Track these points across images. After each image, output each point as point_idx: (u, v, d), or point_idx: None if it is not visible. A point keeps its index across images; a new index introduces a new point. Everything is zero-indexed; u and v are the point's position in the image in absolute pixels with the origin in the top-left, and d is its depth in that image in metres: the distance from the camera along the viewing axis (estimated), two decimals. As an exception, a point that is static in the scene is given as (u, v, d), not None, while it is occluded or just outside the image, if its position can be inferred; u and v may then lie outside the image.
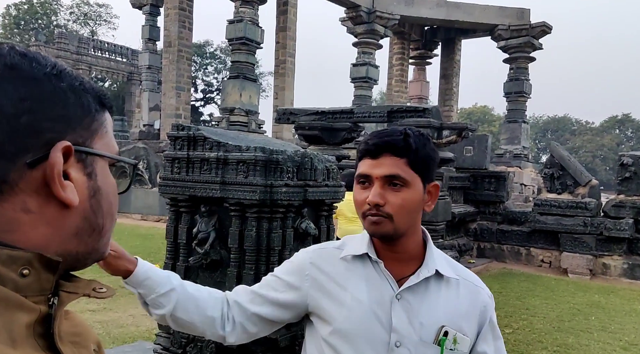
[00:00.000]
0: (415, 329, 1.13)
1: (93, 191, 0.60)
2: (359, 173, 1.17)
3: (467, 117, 48.30)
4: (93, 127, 0.61)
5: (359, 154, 1.20)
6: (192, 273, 3.46)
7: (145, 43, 20.32)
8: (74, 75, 0.61)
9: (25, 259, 0.54)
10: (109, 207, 0.63)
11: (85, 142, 0.59)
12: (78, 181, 0.58)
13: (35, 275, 0.55)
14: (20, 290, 0.53)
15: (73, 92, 0.59)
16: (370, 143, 1.16)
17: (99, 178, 0.61)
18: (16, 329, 0.52)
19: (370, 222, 1.15)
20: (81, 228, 0.60)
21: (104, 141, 0.63)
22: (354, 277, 1.20)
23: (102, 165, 0.62)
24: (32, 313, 0.54)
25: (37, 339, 0.55)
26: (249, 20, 14.92)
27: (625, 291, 8.00)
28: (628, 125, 57.40)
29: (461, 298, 1.21)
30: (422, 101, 22.33)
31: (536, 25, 18.30)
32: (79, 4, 37.59)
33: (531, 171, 18.19)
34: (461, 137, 8.17)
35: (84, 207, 0.59)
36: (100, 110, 0.63)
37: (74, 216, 0.58)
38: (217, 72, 38.95)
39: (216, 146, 3.19)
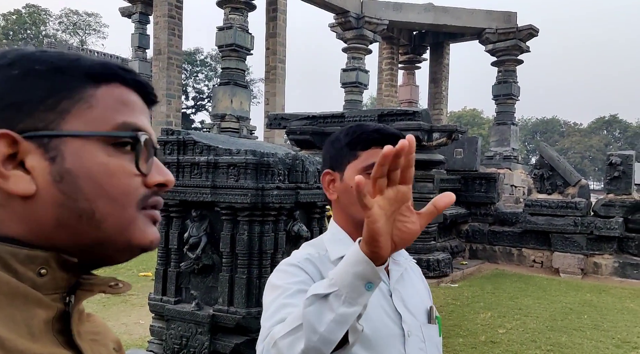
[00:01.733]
0: (414, 315, 1.17)
1: (59, 175, 0.54)
2: (373, 162, 1.07)
3: (457, 120, 48.58)
4: (62, 106, 0.56)
5: (365, 142, 1.16)
6: (183, 278, 3.45)
7: (134, 51, 20.26)
8: (43, 58, 0.57)
9: (42, 258, 0.55)
10: (97, 189, 0.56)
11: (48, 125, 0.55)
12: (36, 168, 0.54)
13: (52, 274, 0.56)
14: (37, 288, 0.54)
15: (28, 75, 0.55)
16: (384, 132, 1.16)
17: (71, 159, 0.55)
18: (35, 325, 0.53)
19: None
20: (61, 217, 0.55)
21: (86, 118, 0.57)
22: None
23: (79, 145, 0.56)
24: (49, 310, 0.55)
25: (56, 335, 0.56)
26: (239, 27, 14.94)
27: (617, 290, 8.06)
28: (615, 126, 58.06)
29: (418, 275, 1.29)
30: (412, 104, 22.44)
31: (523, 28, 18.48)
32: (68, 13, 37.48)
33: (521, 172, 18.31)
34: (451, 140, 8.21)
35: (51, 194, 0.54)
36: (84, 86, 0.57)
37: (44, 206, 0.54)
38: (208, 79, 38.95)
39: (206, 149, 3.20)
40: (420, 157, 8.26)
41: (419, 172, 8.42)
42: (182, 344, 3.24)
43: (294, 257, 1.16)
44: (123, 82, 0.61)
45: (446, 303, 6.90)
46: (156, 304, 3.37)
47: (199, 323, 3.14)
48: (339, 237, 1.19)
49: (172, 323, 3.24)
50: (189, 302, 3.27)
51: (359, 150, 1.16)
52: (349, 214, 1.19)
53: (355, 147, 1.16)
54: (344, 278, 0.84)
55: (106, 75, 0.59)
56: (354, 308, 0.84)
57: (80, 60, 0.59)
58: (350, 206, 1.16)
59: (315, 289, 0.88)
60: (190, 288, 3.34)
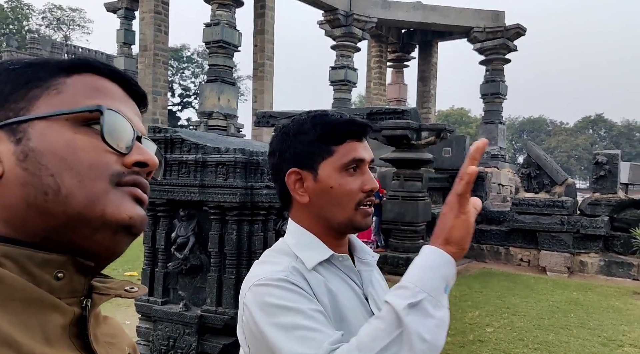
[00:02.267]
0: None
1: (23, 154, 0.55)
2: (353, 157, 1.03)
3: (445, 119, 48.84)
4: (32, 94, 0.57)
5: (339, 135, 1.04)
6: (171, 278, 3.40)
7: (120, 47, 20.04)
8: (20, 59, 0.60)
9: (59, 262, 0.55)
10: (61, 163, 0.55)
11: (17, 113, 0.56)
12: (3, 151, 0.55)
13: (69, 278, 0.56)
14: (54, 292, 0.55)
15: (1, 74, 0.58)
16: (360, 124, 1.05)
17: (36, 139, 0.55)
18: (51, 330, 0.53)
19: (366, 213, 1.05)
20: (27, 196, 0.54)
21: (54, 102, 0.58)
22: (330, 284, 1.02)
23: (45, 125, 0.56)
24: (66, 315, 0.55)
25: (73, 340, 0.56)
26: (226, 24, 14.83)
27: (602, 288, 8.13)
28: (601, 125, 58.82)
29: (377, 269, 1.20)
30: (400, 103, 22.47)
31: (511, 27, 18.59)
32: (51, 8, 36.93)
33: (508, 171, 18.44)
34: (440, 138, 8.22)
35: (15, 173, 0.54)
36: (55, 76, 0.59)
37: (9, 186, 0.54)
38: (195, 76, 38.68)
39: (194, 148, 3.14)
40: (409, 155, 8.26)
41: (408, 170, 8.43)
42: (169, 346, 3.19)
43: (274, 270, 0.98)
44: (97, 72, 0.61)
45: (434, 301, 6.90)
46: (143, 304, 3.31)
47: (186, 324, 3.09)
48: (306, 242, 1.05)
49: (159, 324, 3.18)
50: (177, 303, 3.21)
51: (333, 145, 1.04)
52: (324, 218, 1.06)
53: (329, 142, 1.04)
54: (429, 282, 0.84)
55: (78, 65, 0.60)
56: (445, 310, 0.85)
57: (55, 58, 0.61)
58: (330, 208, 1.04)
59: (403, 299, 0.83)
60: (178, 288, 3.28)
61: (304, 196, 1.06)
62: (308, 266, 1.01)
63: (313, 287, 0.97)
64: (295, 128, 1.07)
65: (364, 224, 1.06)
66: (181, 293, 3.24)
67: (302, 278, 0.98)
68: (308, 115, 1.09)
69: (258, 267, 1.04)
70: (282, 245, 1.09)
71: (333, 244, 1.07)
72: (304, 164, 1.05)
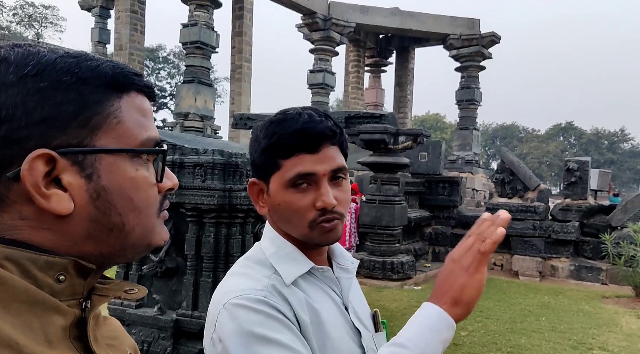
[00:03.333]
0: (366, 327, 1.03)
1: (96, 193, 0.56)
2: (298, 173, 0.93)
3: (421, 124, 49.38)
4: (93, 122, 0.56)
5: (285, 149, 0.94)
6: (145, 281, 3.33)
7: (94, 46, 19.67)
8: (67, 66, 0.56)
9: (61, 265, 0.55)
10: (128, 203, 0.58)
11: (82, 142, 0.55)
12: (74, 185, 0.55)
13: (70, 280, 0.56)
14: (55, 295, 0.55)
15: (57, 89, 0.54)
16: (309, 134, 0.92)
17: (105, 177, 0.56)
18: (52, 332, 0.53)
19: (325, 230, 0.94)
20: (93, 231, 0.57)
21: (116, 133, 0.58)
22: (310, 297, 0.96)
23: (112, 161, 0.57)
24: (67, 316, 0.56)
25: (73, 342, 0.56)
26: (204, 24, 14.70)
27: (573, 292, 8.31)
28: (571, 132, 60.29)
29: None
30: (377, 107, 22.63)
31: (486, 35, 18.91)
32: (23, 5, 36.00)
33: (482, 176, 18.73)
34: (416, 143, 8.29)
35: (87, 211, 0.56)
36: (109, 98, 0.58)
37: (78, 221, 0.56)
38: (170, 76, 38.24)
39: (171, 148, 3.09)
40: (386, 160, 8.31)
41: (385, 174, 8.47)
42: (143, 350, 3.12)
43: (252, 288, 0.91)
44: (138, 90, 0.62)
45: (409, 305, 6.95)
46: (116, 308, 3.24)
47: (161, 328, 3.03)
48: (285, 251, 0.98)
49: (132, 328, 3.12)
50: (152, 306, 3.15)
51: (281, 158, 0.94)
52: (283, 231, 1.00)
53: (277, 155, 0.94)
54: (430, 345, 0.83)
55: (126, 84, 0.61)
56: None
57: (100, 68, 0.59)
58: (284, 223, 0.98)
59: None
60: (153, 291, 3.22)
61: (263, 208, 1.01)
62: (287, 281, 0.94)
63: (293, 306, 0.91)
64: (255, 134, 1.00)
65: (325, 242, 0.97)
66: (156, 297, 3.18)
67: (282, 299, 0.90)
68: (271, 118, 0.98)
69: (233, 279, 0.96)
70: (260, 254, 1.00)
71: (311, 254, 1.00)
72: (260, 176, 0.99)
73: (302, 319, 0.90)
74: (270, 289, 0.91)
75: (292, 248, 0.98)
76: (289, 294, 0.92)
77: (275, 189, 0.96)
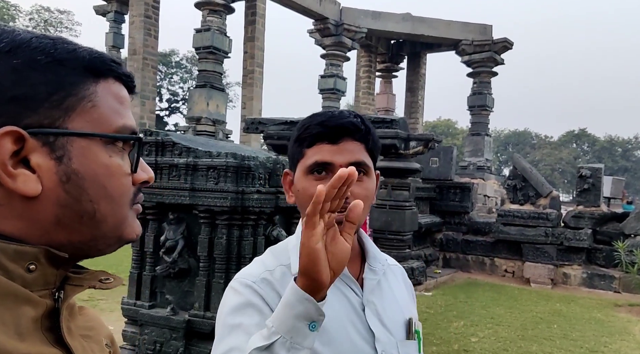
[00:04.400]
0: (390, 331, 1.03)
1: (66, 176, 0.53)
2: (315, 161, 0.97)
3: (432, 130, 49.22)
4: (67, 103, 0.54)
5: (309, 138, 1.00)
6: (158, 282, 3.37)
7: (109, 50, 19.88)
8: (42, 46, 0.54)
9: (32, 254, 0.53)
10: (100, 191, 0.56)
11: (54, 123, 0.53)
12: (42, 166, 0.52)
13: (41, 270, 0.54)
14: (26, 285, 0.53)
15: (31, 68, 0.52)
16: (330, 125, 0.98)
17: (77, 160, 0.54)
18: (23, 323, 0.51)
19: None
20: (62, 217, 0.54)
21: (90, 117, 0.56)
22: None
23: (85, 145, 0.55)
24: (38, 307, 0.53)
25: (45, 333, 0.54)
26: (217, 30, 14.83)
27: (585, 300, 8.23)
28: (584, 139, 59.74)
29: (400, 282, 1.15)
30: (388, 113, 22.62)
31: (498, 41, 18.86)
32: (39, 10, 36.58)
33: (494, 182, 18.61)
34: (427, 148, 8.28)
35: (56, 194, 0.53)
36: (85, 81, 0.56)
37: (47, 205, 0.53)
38: (183, 81, 38.54)
39: (186, 151, 3.13)
40: (397, 165, 8.31)
41: (395, 179, 8.47)
42: (155, 350, 3.15)
43: (250, 274, 1.00)
44: (116, 77, 0.61)
45: (420, 311, 6.93)
46: (129, 308, 3.27)
47: (173, 328, 3.06)
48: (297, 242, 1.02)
49: (145, 328, 3.15)
50: (164, 307, 3.19)
51: (305, 147, 1.00)
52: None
53: (302, 144, 1.01)
54: (285, 322, 0.78)
55: (104, 70, 0.59)
56: (305, 351, 0.79)
57: (77, 51, 0.57)
58: (302, 211, 1.01)
59: (256, 341, 0.80)
60: (166, 292, 3.26)
61: (291, 197, 1.06)
62: (293, 269, 0.98)
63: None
64: (296, 127, 1.07)
65: None
66: (168, 297, 3.21)
67: (271, 288, 0.96)
68: (313, 114, 1.06)
69: (249, 265, 1.06)
70: (283, 243, 1.08)
71: None
72: (291, 165, 1.06)
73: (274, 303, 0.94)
74: (266, 276, 0.98)
75: None
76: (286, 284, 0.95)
77: (297, 176, 1.02)
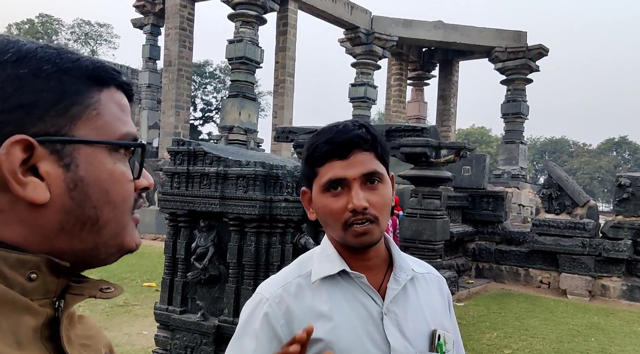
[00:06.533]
0: (410, 342, 1.02)
1: (73, 183, 0.54)
2: (329, 179, 1.00)
3: (465, 137, 48.53)
4: (72, 111, 0.55)
5: (319, 157, 1.02)
6: (190, 288, 3.44)
7: (145, 62, 20.49)
8: (47, 56, 0.55)
9: (33, 263, 0.53)
10: (103, 196, 0.57)
11: (60, 131, 0.54)
12: (51, 174, 0.53)
13: (42, 279, 0.54)
14: (27, 294, 0.52)
15: (37, 76, 0.53)
16: (337, 142, 1.00)
17: (83, 168, 0.55)
18: (22, 332, 0.51)
19: (357, 233, 0.99)
20: (66, 223, 0.55)
21: (94, 125, 0.57)
22: (331, 301, 1.02)
23: (90, 152, 0.56)
24: (38, 316, 0.53)
25: (45, 343, 0.54)
26: (249, 40, 15.08)
27: (625, 313, 7.94)
28: (625, 147, 57.76)
29: (433, 293, 1.13)
30: (420, 121, 22.46)
31: (533, 48, 18.52)
32: (80, 23, 37.95)
33: (529, 191, 18.20)
34: (459, 157, 8.19)
35: (62, 201, 0.54)
36: (89, 90, 0.57)
37: (52, 212, 0.54)
38: (217, 91, 39.21)
39: (216, 160, 3.21)
40: (428, 173, 8.24)
41: (426, 188, 8.40)
42: (186, 356, 3.22)
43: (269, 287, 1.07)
44: (118, 86, 0.62)
45: (451, 321, 6.82)
46: (162, 313, 3.36)
47: (204, 334, 3.12)
48: (327, 253, 1.07)
49: (177, 333, 3.22)
50: (195, 312, 3.25)
51: (317, 167, 1.03)
52: (330, 235, 1.08)
53: (314, 164, 1.03)
54: None
55: (107, 79, 0.60)
56: None
57: (81, 61, 0.58)
58: (326, 227, 1.06)
59: None
60: (196, 298, 3.33)
61: (313, 214, 1.09)
62: (313, 277, 1.04)
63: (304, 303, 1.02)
64: (304, 146, 1.09)
65: (357, 244, 1.01)
66: (199, 303, 3.28)
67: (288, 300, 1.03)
68: (316, 132, 1.07)
69: (277, 273, 1.13)
70: (310, 254, 1.12)
71: (351, 258, 1.05)
72: (307, 184, 1.09)
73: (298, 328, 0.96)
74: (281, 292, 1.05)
75: (333, 250, 1.06)
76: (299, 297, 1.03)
77: (315, 195, 1.05)
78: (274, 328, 1.00)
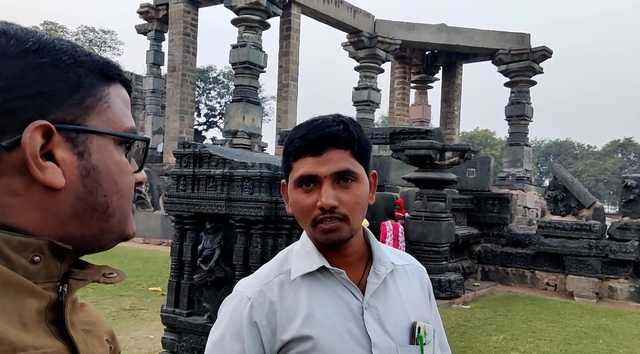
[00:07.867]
0: (391, 335, 1.01)
1: (86, 170, 0.57)
2: (300, 175, 0.99)
3: (469, 140, 48.42)
4: (87, 103, 0.58)
5: (293, 152, 1.02)
6: (196, 290, 3.44)
7: (149, 67, 20.58)
8: (64, 48, 0.58)
9: (36, 246, 0.54)
10: (113, 186, 0.60)
11: (76, 120, 0.57)
12: (66, 161, 0.56)
13: (45, 262, 0.55)
14: (30, 277, 0.54)
15: (56, 67, 0.56)
16: (310, 138, 0.99)
17: (95, 156, 0.58)
18: (27, 314, 0.52)
19: (324, 230, 0.99)
20: (78, 209, 0.57)
21: (105, 117, 0.60)
22: (312, 298, 1.01)
23: (101, 142, 0.59)
24: (42, 299, 0.54)
25: (49, 325, 0.55)
26: (252, 45, 15.13)
27: (633, 315, 7.89)
28: (630, 149, 57.46)
29: (413, 284, 1.13)
30: (423, 124, 22.45)
31: (536, 50, 18.49)
32: (84, 30, 38.18)
33: (534, 193, 18.14)
34: (464, 159, 8.18)
35: (75, 187, 0.56)
36: (100, 83, 0.60)
37: (66, 198, 0.56)
38: (220, 96, 39.34)
39: (222, 162, 3.21)
40: (432, 176, 8.23)
41: (431, 190, 8.38)
42: (192, 358, 3.21)
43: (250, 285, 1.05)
44: (122, 82, 0.65)
45: (458, 324, 6.79)
46: (168, 316, 3.35)
47: (210, 337, 3.12)
48: (306, 249, 1.06)
49: (184, 335, 3.22)
50: (202, 314, 3.25)
51: (292, 161, 1.03)
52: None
53: (289, 158, 1.04)
54: None
55: (113, 75, 0.63)
56: None
57: (92, 56, 0.62)
58: (299, 221, 1.05)
59: None
60: (203, 300, 3.32)
61: (289, 207, 1.07)
62: (292, 275, 1.03)
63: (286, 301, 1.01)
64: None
65: (325, 240, 1.01)
66: (206, 305, 3.28)
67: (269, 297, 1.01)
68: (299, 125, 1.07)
69: (258, 270, 1.10)
70: (289, 250, 1.11)
71: (329, 255, 1.04)
72: (286, 177, 1.08)
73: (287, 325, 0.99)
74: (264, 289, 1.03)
75: (312, 247, 1.05)
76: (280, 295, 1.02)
77: (289, 189, 1.05)
78: (257, 329, 1.00)
